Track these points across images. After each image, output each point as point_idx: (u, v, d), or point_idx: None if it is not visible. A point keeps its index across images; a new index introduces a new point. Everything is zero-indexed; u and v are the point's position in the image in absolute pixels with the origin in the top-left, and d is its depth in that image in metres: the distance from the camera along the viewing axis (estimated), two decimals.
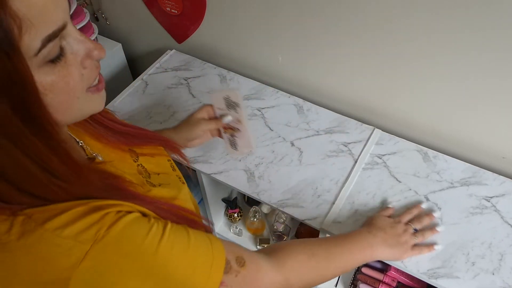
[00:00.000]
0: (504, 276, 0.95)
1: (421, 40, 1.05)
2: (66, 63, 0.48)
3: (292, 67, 1.35)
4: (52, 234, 0.48)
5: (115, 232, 0.50)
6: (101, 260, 0.49)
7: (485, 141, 1.15)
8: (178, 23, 1.49)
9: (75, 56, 0.49)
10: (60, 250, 0.48)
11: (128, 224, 0.51)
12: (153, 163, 0.73)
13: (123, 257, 0.50)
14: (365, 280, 1.26)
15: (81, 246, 0.48)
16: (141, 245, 0.51)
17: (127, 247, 0.50)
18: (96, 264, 0.48)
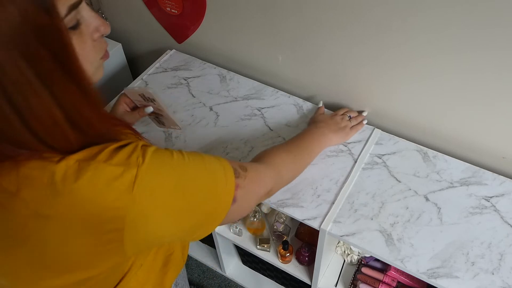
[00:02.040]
0: (503, 276, 0.95)
1: (421, 40, 1.05)
2: (81, 32, 0.55)
3: (292, 67, 1.35)
4: (105, 164, 0.54)
5: (149, 159, 0.57)
6: (148, 180, 0.56)
7: (485, 141, 1.15)
8: (178, 23, 1.50)
9: (88, 28, 0.56)
10: (115, 175, 0.54)
11: (154, 152, 0.59)
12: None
13: (162, 175, 0.58)
14: (365, 280, 1.26)
15: (131, 170, 0.55)
16: (172, 165, 0.60)
17: (163, 168, 0.59)
18: (145, 183, 0.55)
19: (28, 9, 0.46)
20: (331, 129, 1.15)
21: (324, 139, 1.12)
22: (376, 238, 1.02)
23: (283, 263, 1.37)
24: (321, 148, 1.11)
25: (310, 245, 1.33)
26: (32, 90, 0.49)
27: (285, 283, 1.61)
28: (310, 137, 1.08)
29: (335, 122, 1.18)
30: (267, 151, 0.92)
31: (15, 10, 0.45)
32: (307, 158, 1.03)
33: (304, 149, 1.03)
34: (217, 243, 1.53)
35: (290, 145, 1.01)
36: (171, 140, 1.25)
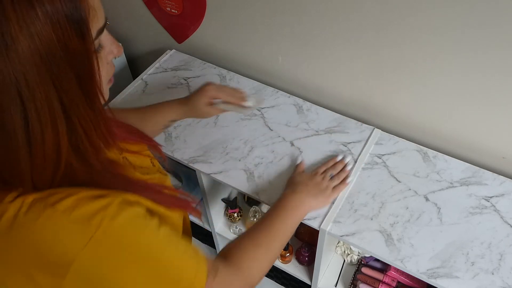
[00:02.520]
0: (503, 276, 0.95)
1: (421, 40, 1.05)
2: (101, 55, 0.54)
3: (292, 67, 1.35)
4: (61, 215, 0.50)
5: (118, 224, 0.53)
6: (103, 247, 0.52)
7: (485, 141, 1.15)
8: (178, 23, 1.50)
9: (105, 51, 0.56)
10: (67, 232, 0.50)
11: (128, 218, 0.54)
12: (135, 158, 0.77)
13: (122, 248, 0.53)
14: (365, 280, 1.26)
15: (87, 230, 0.50)
16: (139, 240, 0.55)
17: (126, 240, 0.54)
18: (98, 250, 0.51)
19: (64, 29, 0.45)
20: (311, 193, 1.01)
21: (302, 208, 0.97)
22: (376, 238, 1.02)
23: (283, 263, 1.37)
24: (298, 220, 0.97)
25: (310, 245, 1.33)
26: (53, 119, 0.48)
27: (285, 283, 1.60)
28: (285, 211, 0.93)
29: (315, 184, 1.04)
30: (235, 246, 0.79)
31: (50, 28, 0.44)
32: (281, 242, 0.88)
33: (278, 232, 0.88)
34: (217, 243, 1.53)
35: (261, 232, 0.85)
36: (171, 140, 1.25)
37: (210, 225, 1.46)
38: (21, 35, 0.43)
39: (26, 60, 0.44)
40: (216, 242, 1.53)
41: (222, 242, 1.54)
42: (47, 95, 0.46)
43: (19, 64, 0.44)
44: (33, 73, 0.45)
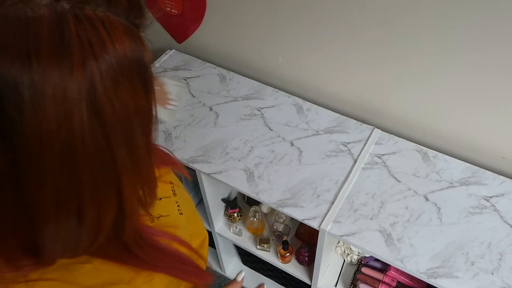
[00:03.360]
0: (503, 276, 0.95)
1: (420, 40, 1.05)
2: None
3: (292, 67, 1.35)
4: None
5: None
6: None
7: (485, 141, 1.15)
8: (178, 23, 1.50)
9: None
10: None
11: None
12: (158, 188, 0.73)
13: None
14: (365, 280, 1.26)
15: None
16: None
17: None
18: None
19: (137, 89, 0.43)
20: None
21: None
22: (376, 238, 1.02)
23: (283, 263, 1.37)
24: None
25: (310, 245, 1.33)
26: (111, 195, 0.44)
27: (285, 283, 1.60)
28: None
29: None
30: None
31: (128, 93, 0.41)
32: None
33: None
34: (217, 243, 1.53)
35: None
36: (171, 140, 1.25)
37: (210, 225, 1.46)
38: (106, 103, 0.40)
39: (110, 125, 0.41)
40: (216, 242, 1.53)
41: (222, 242, 1.54)
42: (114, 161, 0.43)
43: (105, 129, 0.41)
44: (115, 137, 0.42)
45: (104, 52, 0.39)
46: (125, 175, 0.45)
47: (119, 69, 0.41)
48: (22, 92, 0.36)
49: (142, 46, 0.43)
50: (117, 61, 0.40)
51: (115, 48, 0.40)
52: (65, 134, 0.38)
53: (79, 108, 0.38)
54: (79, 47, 0.38)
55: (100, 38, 0.39)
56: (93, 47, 0.38)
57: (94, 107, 0.39)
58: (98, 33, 0.39)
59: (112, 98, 0.40)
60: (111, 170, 0.43)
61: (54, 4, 0.38)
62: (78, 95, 0.38)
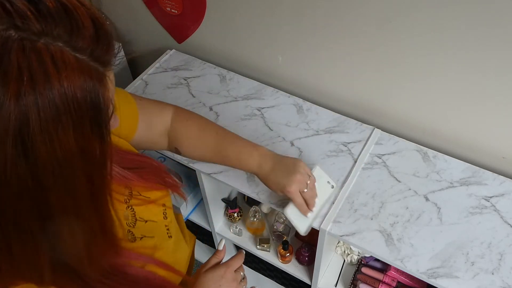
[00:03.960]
0: (503, 276, 0.95)
1: (420, 40, 1.05)
2: None
3: (292, 67, 1.35)
4: None
5: None
6: None
7: (485, 141, 1.15)
8: (178, 23, 1.50)
9: None
10: None
11: None
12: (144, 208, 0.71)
13: None
14: (365, 280, 1.26)
15: None
16: None
17: None
18: None
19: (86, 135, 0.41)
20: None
21: None
22: (376, 238, 1.02)
23: (283, 263, 1.37)
24: None
25: (310, 245, 1.33)
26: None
27: (285, 283, 1.60)
28: None
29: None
30: None
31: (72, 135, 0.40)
32: None
33: None
34: (217, 243, 1.53)
35: None
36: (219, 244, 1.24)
37: (210, 225, 1.46)
38: (41, 142, 0.38)
39: (43, 166, 0.39)
40: (216, 242, 1.53)
41: None
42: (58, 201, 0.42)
43: (36, 169, 0.39)
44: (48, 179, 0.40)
45: (46, 88, 0.37)
46: (64, 223, 0.43)
47: (64, 108, 0.38)
48: None
49: (101, 87, 0.41)
50: (62, 99, 0.38)
51: (61, 85, 0.38)
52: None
53: (5, 144, 0.36)
54: (16, 77, 0.36)
55: (45, 72, 0.37)
56: (35, 81, 0.36)
57: (24, 145, 0.37)
58: (44, 67, 0.37)
59: (50, 137, 0.38)
60: (44, 213, 0.41)
61: (5, 31, 0.36)
62: (5, 129, 0.36)
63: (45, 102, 0.37)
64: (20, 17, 0.37)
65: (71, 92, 0.38)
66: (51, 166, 0.39)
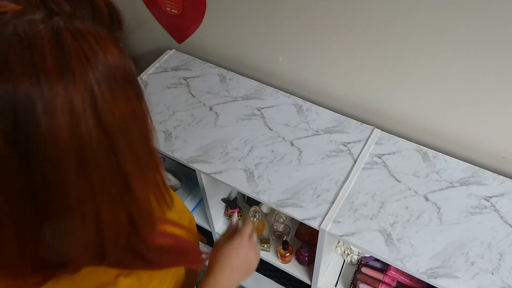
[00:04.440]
0: (503, 276, 0.95)
1: (420, 40, 1.05)
2: None
3: (292, 67, 1.35)
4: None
5: None
6: None
7: (485, 141, 1.15)
8: (178, 23, 1.50)
9: None
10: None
11: None
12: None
13: None
14: (365, 280, 1.26)
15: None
16: None
17: None
18: None
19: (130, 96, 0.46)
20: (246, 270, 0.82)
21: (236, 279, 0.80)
22: (376, 238, 1.02)
23: (283, 263, 1.37)
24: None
25: (310, 245, 1.33)
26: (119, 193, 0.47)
27: (285, 283, 1.60)
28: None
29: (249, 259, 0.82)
30: None
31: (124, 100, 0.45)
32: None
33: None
34: None
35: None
36: (171, 140, 1.25)
37: (210, 225, 1.46)
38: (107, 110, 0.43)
39: (111, 130, 0.44)
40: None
41: None
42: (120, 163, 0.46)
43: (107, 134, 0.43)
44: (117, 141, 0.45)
45: (98, 63, 0.42)
46: (134, 179, 0.47)
47: (113, 78, 0.43)
48: (35, 106, 0.38)
49: (126, 56, 0.47)
50: (110, 70, 0.43)
51: (106, 58, 0.43)
52: (76, 141, 0.41)
53: (85, 116, 0.41)
54: (78, 60, 0.40)
55: (93, 50, 0.42)
56: (89, 59, 0.41)
57: (96, 115, 0.42)
58: (91, 46, 0.42)
59: (111, 105, 0.43)
60: (119, 175, 0.46)
61: (49, 19, 0.40)
62: (83, 104, 0.40)
63: (100, 76, 0.42)
64: (55, 3, 0.41)
65: (114, 63, 0.44)
66: (117, 130, 0.44)
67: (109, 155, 0.44)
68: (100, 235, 0.47)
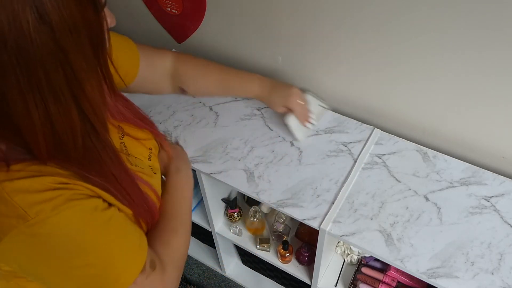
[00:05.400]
0: (503, 276, 0.95)
1: (420, 40, 1.05)
2: None
3: (292, 67, 1.35)
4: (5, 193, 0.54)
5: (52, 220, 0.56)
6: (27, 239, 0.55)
7: (485, 141, 1.15)
8: (178, 23, 1.50)
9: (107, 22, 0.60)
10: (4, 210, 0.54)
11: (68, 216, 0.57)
12: (134, 146, 0.80)
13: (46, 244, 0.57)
14: (365, 280, 1.26)
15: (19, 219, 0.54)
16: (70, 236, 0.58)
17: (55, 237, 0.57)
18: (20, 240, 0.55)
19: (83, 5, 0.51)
20: (189, 165, 0.99)
21: (189, 180, 0.95)
22: (376, 238, 1.02)
23: (283, 263, 1.37)
24: (191, 192, 0.95)
25: (310, 245, 1.33)
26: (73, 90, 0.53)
27: (285, 283, 1.61)
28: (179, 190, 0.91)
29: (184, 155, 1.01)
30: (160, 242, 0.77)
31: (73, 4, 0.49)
32: (189, 218, 0.90)
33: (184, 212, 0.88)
34: (217, 243, 1.53)
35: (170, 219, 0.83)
36: (171, 140, 1.25)
37: (210, 225, 1.46)
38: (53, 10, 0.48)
39: (59, 30, 0.49)
40: (216, 242, 1.53)
41: (222, 242, 1.54)
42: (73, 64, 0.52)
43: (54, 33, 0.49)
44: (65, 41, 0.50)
45: None
46: (83, 77, 0.53)
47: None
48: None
49: None
50: None
51: None
52: (14, 33, 0.46)
53: (24, 11, 0.46)
54: None
55: None
56: None
57: (40, 11, 0.47)
58: None
59: (59, 6, 0.48)
60: (68, 71, 0.51)
61: None
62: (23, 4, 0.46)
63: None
64: None
65: None
66: (65, 30, 0.49)
67: (56, 53, 0.49)
68: (50, 127, 0.53)
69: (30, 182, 0.55)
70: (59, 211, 0.56)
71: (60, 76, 0.51)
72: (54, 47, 0.49)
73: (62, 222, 0.56)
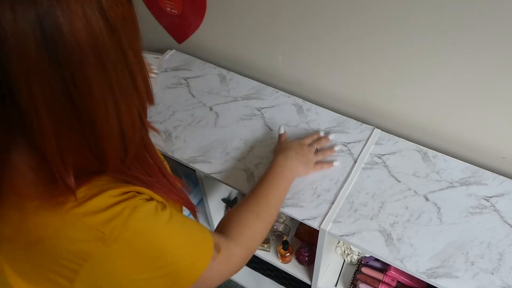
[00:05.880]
0: (503, 276, 0.95)
1: (420, 40, 1.05)
2: None
3: (292, 67, 1.35)
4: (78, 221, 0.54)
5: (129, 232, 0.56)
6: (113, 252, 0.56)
7: (485, 141, 1.15)
8: (178, 23, 1.50)
9: None
10: (81, 236, 0.54)
11: (139, 221, 0.58)
12: None
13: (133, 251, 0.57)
14: (365, 280, 1.26)
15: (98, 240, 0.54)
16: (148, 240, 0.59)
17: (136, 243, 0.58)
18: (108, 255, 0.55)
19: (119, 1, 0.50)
20: (300, 160, 1.05)
21: (293, 175, 1.02)
22: (376, 238, 1.02)
23: (283, 263, 1.37)
24: (289, 186, 1.01)
25: (310, 245, 1.33)
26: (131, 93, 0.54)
27: (285, 283, 1.61)
28: (279, 179, 0.97)
29: (304, 153, 1.08)
30: (235, 217, 0.83)
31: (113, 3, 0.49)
32: (276, 210, 0.93)
33: (274, 200, 0.92)
34: None
35: (259, 202, 0.88)
36: (171, 140, 1.25)
37: (210, 225, 1.46)
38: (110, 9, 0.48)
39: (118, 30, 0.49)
40: None
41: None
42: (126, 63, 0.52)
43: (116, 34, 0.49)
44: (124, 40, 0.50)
45: None
46: (137, 75, 0.54)
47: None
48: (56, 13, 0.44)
49: None
50: None
51: None
52: (92, 41, 0.47)
53: (95, 17, 0.46)
54: None
55: None
56: None
57: (103, 13, 0.47)
58: None
59: (112, 5, 0.48)
60: (127, 71, 0.52)
61: None
62: (91, 6, 0.46)
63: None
64: None
65: None
66: (120, 28, 0.49)
67: (119, 53, 0.50)
68: (121, 129, 0.53)
69: (96, 202, 0.55)
70: (129, 223, 0.56)
71: (125, 75, 0.52)
72: (116, 45, 0.49)
73: (135, 233, 0.57)
